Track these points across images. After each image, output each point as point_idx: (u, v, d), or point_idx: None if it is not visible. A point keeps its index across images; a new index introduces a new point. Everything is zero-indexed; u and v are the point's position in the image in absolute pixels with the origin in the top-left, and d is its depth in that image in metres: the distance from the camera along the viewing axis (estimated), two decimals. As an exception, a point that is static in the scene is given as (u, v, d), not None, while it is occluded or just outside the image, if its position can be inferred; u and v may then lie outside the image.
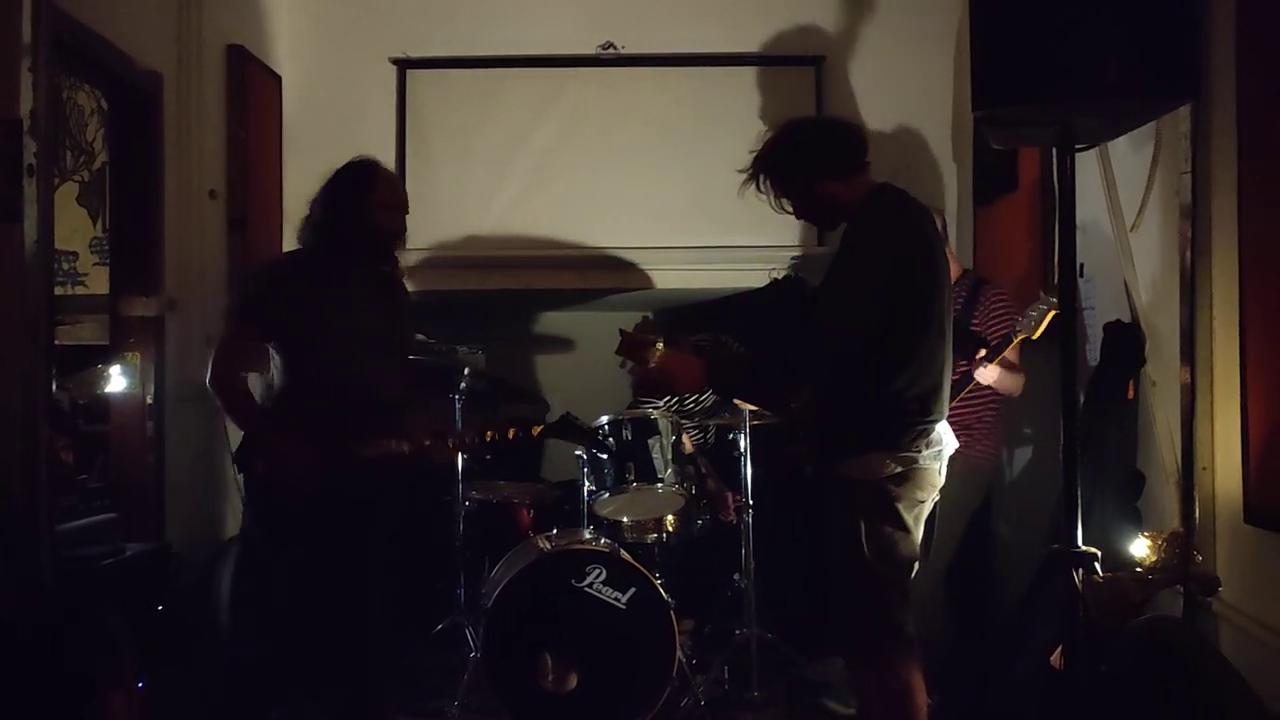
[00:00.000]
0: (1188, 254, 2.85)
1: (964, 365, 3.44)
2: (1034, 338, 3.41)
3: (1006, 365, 3.54)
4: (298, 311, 2.85)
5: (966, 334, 3.49)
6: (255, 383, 3.04)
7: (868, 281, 2.45)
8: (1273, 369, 2.53)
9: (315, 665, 2.88)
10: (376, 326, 2.95)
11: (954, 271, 3.58)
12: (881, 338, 2.46)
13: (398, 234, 3.01)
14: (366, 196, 2.91)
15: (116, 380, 3.60)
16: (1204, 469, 2.83)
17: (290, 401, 2.87)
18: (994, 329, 3.61)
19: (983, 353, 3.46)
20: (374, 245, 2.96)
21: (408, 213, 3.03)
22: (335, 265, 2.91)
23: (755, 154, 2.65)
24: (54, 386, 3.04)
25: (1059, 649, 2.38)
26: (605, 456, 3.77)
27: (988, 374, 3.48)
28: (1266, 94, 2.56)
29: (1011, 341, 3.44)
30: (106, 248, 4.82)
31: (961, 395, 3.48)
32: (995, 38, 2.16)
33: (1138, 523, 3.10)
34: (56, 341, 3.17)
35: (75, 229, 4.97)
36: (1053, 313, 3.31)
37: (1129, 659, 2.27)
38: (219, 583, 3.72)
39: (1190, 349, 2.84)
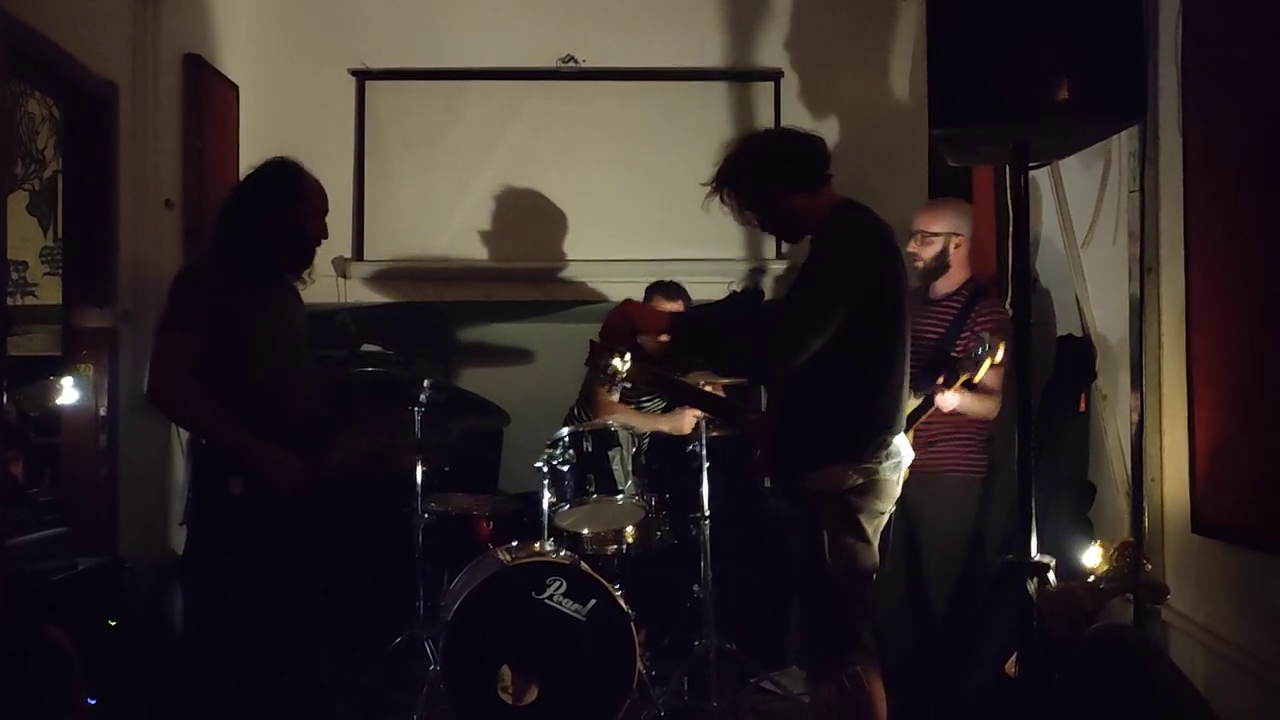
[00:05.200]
0: (1136, 271, 2.93)
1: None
2: (975, 380, 3.22)
3: (976, 390, 3.30)
4: (236, 322, 2.73)
5: (944, 359, 3.34)
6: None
7: (836, 299, 2.47)
8: (1218, 384, 2.61)
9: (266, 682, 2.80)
10: (301, 338, 2.91)
11: (958, 278, 3.50)
12: (851, 355, 2.50)
13: (322, 240, 2.93)
14: (299, 207, 2.82)
15: (69, 392, 3.54)
16: (1153, 480, 2.90)
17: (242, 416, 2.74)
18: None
19: (940, 379, 3.25)
20: (304, 255, 2.88)
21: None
22: (260, 274, 2.81)
23: (718, 166, 2.65)
24: (4, 398, 2.99)
25: (1013, 657, 2.42)
26: (566, 468, 3.77)
27: (947, 400, 3.25)
28: (1209, 117, 2.64)
29: (958, 378, 3.23)
30: (57, 257, 4.74)
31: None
32: (951, 58, 2.20)
33: (1089, 532, 3.16)
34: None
35: (26, 238, 4.88)
36: (989, 360, 3.13)
37: (1083, 667, 2.31)
38: (173, 598, 3.66)
39: (1139, 364, 2.91)
